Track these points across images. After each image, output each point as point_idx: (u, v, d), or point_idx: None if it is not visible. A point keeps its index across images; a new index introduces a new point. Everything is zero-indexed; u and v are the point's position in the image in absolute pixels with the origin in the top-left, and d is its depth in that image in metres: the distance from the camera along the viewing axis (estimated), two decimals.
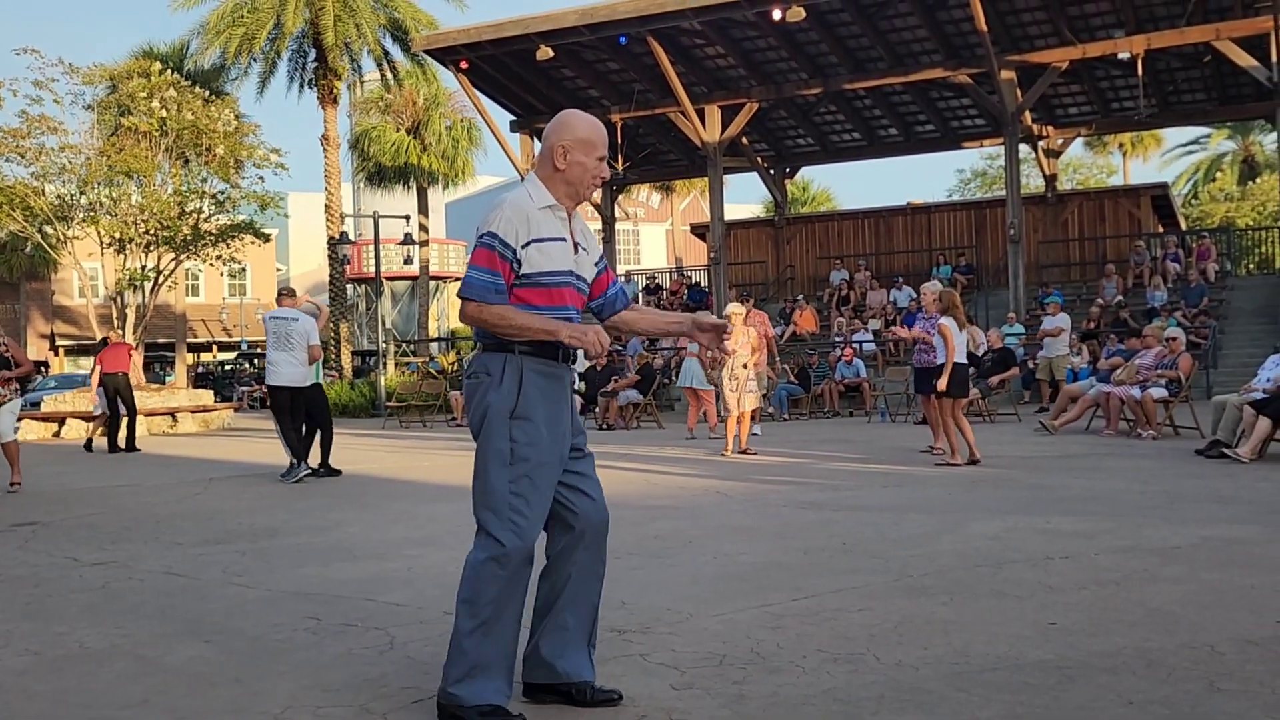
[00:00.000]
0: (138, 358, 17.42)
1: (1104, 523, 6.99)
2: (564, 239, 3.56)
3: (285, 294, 12.11)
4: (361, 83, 36.07)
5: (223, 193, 28.50)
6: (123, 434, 16.64)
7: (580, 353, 3.65)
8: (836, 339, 24.14)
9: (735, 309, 13.68)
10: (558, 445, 3.54)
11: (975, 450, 11.00)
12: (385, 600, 5.27)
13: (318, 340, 11.69)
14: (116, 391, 16.65)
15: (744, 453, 12.90)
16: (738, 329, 13.09)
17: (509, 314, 3.45)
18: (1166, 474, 9.72)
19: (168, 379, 39.64)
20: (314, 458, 11.67)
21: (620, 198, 35.83)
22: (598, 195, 32.20)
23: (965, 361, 11.37)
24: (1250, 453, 10.45)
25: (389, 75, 34.60)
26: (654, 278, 33.94)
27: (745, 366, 13.08)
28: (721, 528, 7.24)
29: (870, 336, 24.82)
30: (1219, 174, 55.00)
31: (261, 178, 29.09)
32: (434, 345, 35.54)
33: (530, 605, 3.61)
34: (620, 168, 29.25)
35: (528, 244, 3.48)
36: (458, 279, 43.49)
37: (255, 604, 5.30)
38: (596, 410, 19.86)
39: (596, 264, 3.77)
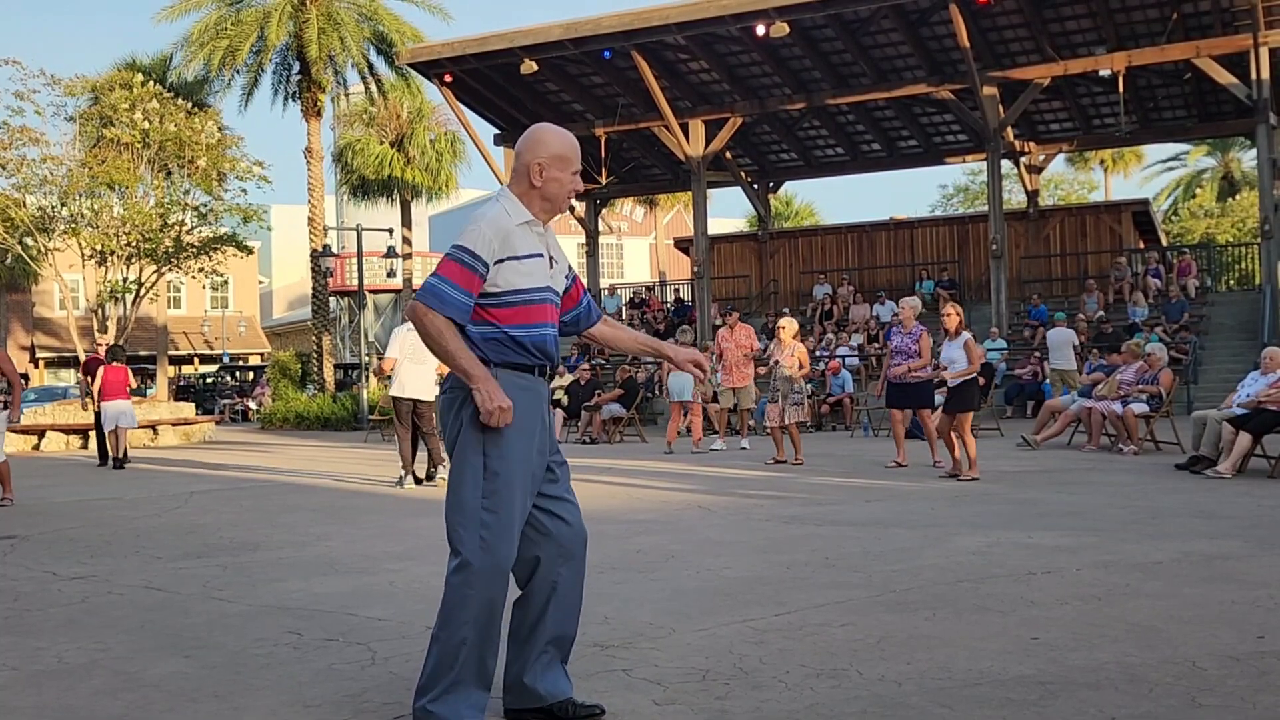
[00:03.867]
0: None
1: (1086, 538, 7.00)
2: (541, 254, 3.56)
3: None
4: (346, 95, 36.01)
5: (205, 205, 28.47)
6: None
7: (560, 367, 3.64)
8: (821, 353, 24.18)
9: (786, 324, 13.81)
10: (531, 460, 3.52)
11: (975, 468, 11.00)
12: (367, 615, 5.25)
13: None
14: None
15: (779, 462, 13.12)
16: (785, 344, 13.30)
17: (447, 334, 3.40)
18: (1148, 489, 9.76)
19: (149, 392, 39.45)
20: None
21: (604, 211, 35.84)
22: (581, 208, 32.24)
23: (976, 377, 11.46)
24: (1231, 468, 10.50)
25: (373, 88, 34.55)
26: (637, 292, 33.95)
27: (789, 380, 13.30)
28: (704, 542, 7.23)
29: (855, 351, 24.87)
30: (1199, 190, 55.36)
31: (244, 190, 29.17)
32: None
33: (504, 629, 3.58)
34: (604, 181, 29.28)
35: (501, 261, 3.45)
36: None
37: (236, 619, 5.27)
38: (579, 424, 19.85)
39: (566, 276, 3.76)
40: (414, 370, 11.75)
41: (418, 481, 11.79)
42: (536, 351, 3.53)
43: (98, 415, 16.70)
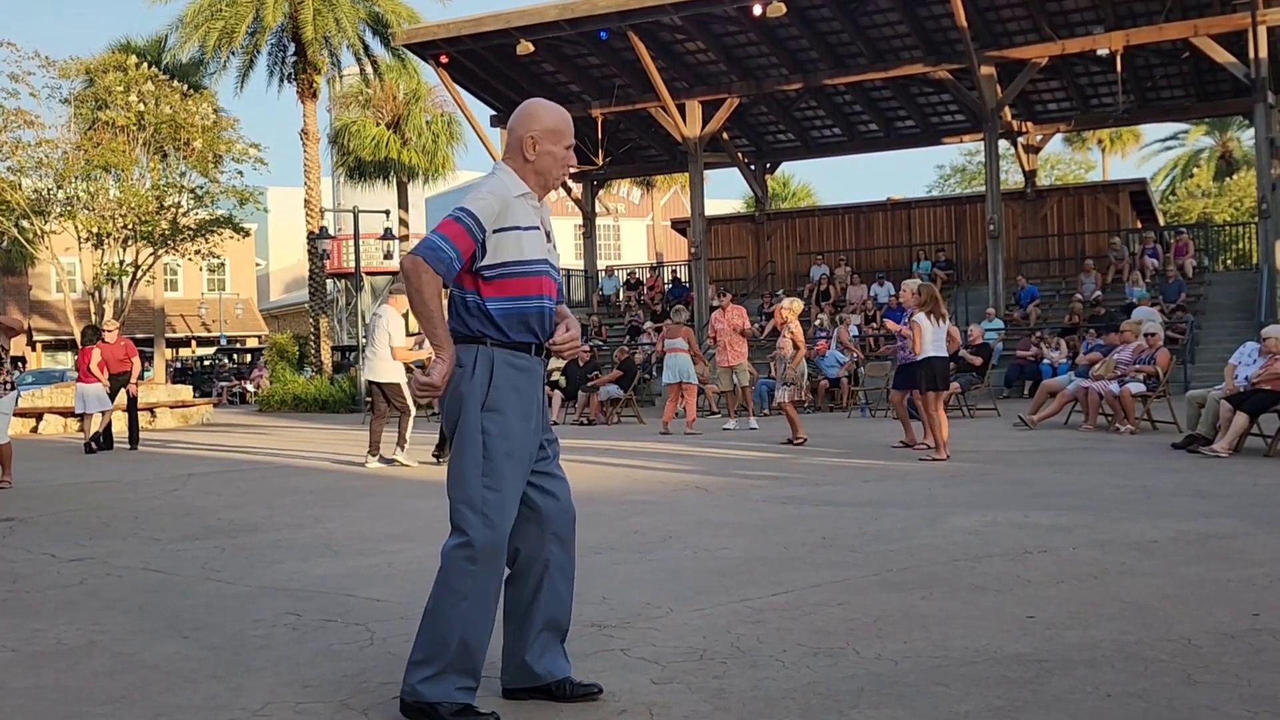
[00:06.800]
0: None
1: (1082, 517, 7.02)
2: (538, 227, 3.56)
3: (390, 292, 12.52)
4: (341, 77, 35.95)
5: (201, 187, 28.40)
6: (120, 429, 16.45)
7: (554, 347, 3.65)
8: (820, 334, 24.17)
9: (791, 303, 13.83)
10: (529, 440, 3.53)
11: (945, 449, 11.00)
12: (365, 595, 5.26)
13: (395, 341, 12.01)
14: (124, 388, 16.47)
15: (789, 442, 13.20)
16: (791, 323, 13.37)
17: (433, 297, 3.41)
18: (1144, 468, 9.77)
19: (146, 374, 39.40)
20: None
21: (601, 193, 35.77)
22: (578, 190, 32.18)
23: (945, 355, 11.39)
24: (1227, 447, 10.51)
25: (369, 70, 34.49)
26: (633, 273, 33.91)
27: (782, 359, 13.46)
28: (702, 522, 7.24)
29: (854, 331, 24.85)
30: (1196, 170, 55.29)
31: (240, 172, 29.08)
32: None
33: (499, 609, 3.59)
34: (601, 163, 29.21)
35: (503, 230, 3.46)
36: None
37: (234, 600, 5.28)
38: (576, 405, 19.86)
39: None
40: (370, 352, 12.14)
41: (386, 461, 12.06)
42: (535, 325, 3.53)
43: (132, 400, 16.54)
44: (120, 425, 16.61)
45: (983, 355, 18.21)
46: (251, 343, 52.26)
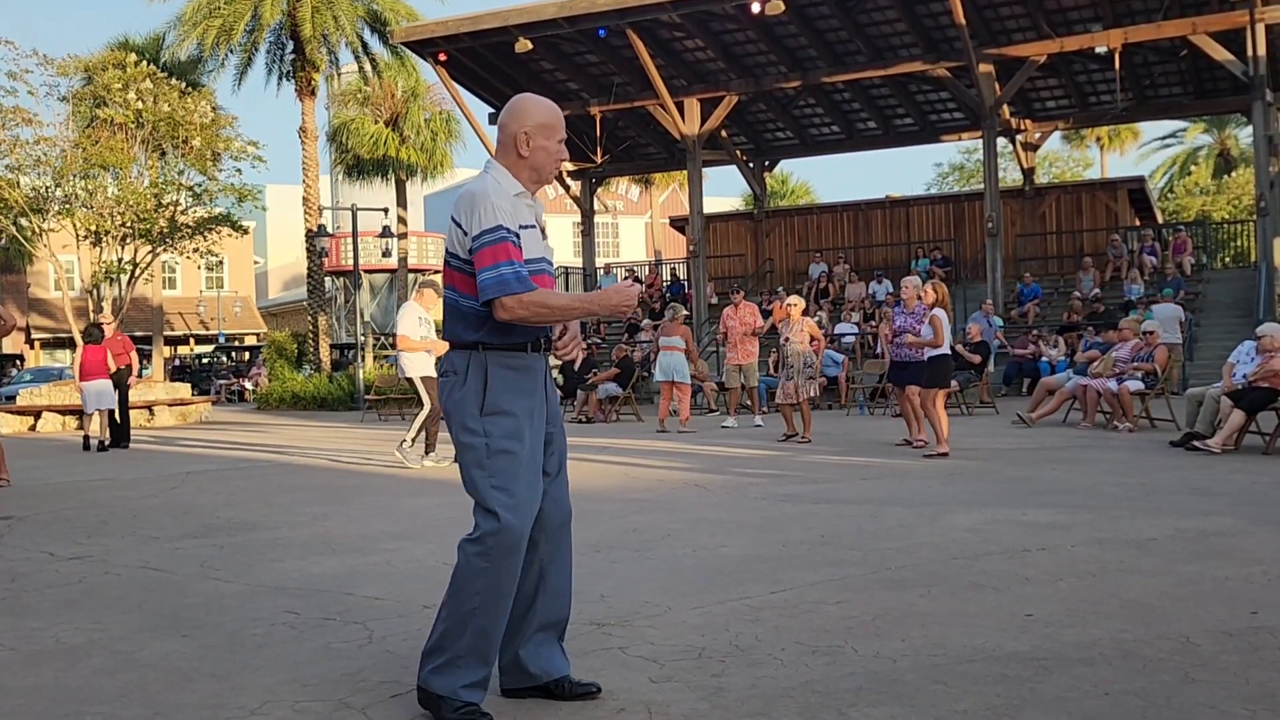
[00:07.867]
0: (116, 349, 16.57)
1: (1080, 515, 7.02)
2: (534, 225, 3.55)
3: (420, 287, 12.56)
4: (339, 75, 35.91)
5: (200, 185, 28.39)
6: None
7: (558, 348, 3.64)
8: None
9: (796, 301, 13.90)
10: (535, 434, 3.52)
11: (946, 444, 11.02)
12: (364, 594, 5.26)
13: (399, 329, 11.95)
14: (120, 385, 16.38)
15: (790, 437, 13.28)
16: (794, 320, 13.43)
17: (548, 299, 3.42)
18: (1142, 466, 9.78)
19: (144, 372, 39.40)
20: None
21: (599, 190, 35.75)
22: (577, 188, 32.16)
23: (949, 353, 11.44)
24: (1221, 444, 10.52)
25: (367, 67, 34.46)
26: (632, 271, 33.90)
27: (801, 355, 13.54)
28: (700, 521, 7.24)
29: (854, 329, 24.88)
30: (1194, 167, 55.30)
31: (239, 170, 29.05)
32: None
33: None
34: (599, 160, 29.19)
35: (520, 229, 3.46)
36: (436, 271, 43.35)
37: (233, 598, 5.28)
38: (575, 403, 19.86)
39: None
40: (399, 351, 12.14)
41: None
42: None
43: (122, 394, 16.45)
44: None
45: (981, 353, 18.24)
46: (250, 340, 52.24)
